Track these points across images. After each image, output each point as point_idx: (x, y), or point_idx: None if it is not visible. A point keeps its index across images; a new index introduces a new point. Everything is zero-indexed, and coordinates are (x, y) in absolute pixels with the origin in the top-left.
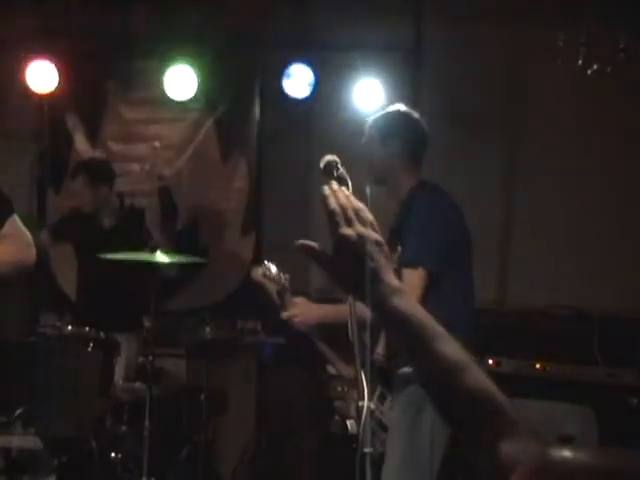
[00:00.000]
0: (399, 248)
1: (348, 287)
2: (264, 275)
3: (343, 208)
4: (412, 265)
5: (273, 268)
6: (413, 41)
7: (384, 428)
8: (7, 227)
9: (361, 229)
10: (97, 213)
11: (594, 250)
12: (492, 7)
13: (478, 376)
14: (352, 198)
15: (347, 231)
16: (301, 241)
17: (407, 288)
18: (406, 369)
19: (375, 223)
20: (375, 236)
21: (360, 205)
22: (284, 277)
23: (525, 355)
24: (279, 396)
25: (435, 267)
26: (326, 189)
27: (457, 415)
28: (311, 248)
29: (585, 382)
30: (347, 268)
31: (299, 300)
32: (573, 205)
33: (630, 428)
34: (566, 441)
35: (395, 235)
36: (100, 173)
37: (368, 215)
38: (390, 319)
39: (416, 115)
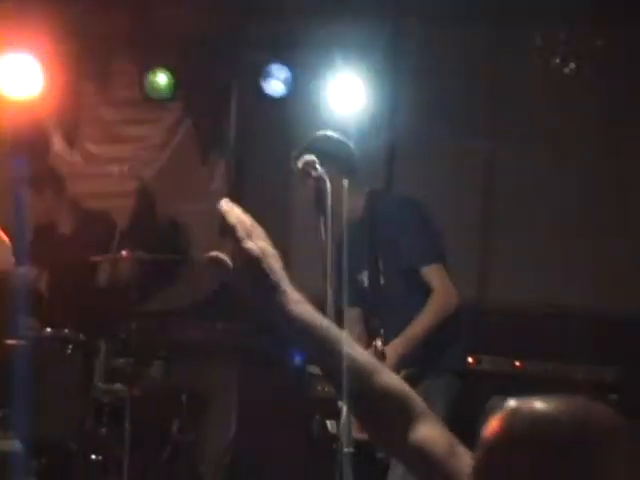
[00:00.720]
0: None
1: (246, 299)
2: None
3: (241, 223)
4: (433, 262)
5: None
6: (392, 40)
7: None
8: None
9: (261, 243)
10: (52, 221)
11: (574, 248)
12: (472, 6)
13: (388, 375)
14: (244, 216)
15: (250, 245)
16: (210, 254)
17: (439, 281)
18: (414, 368)
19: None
20: (273, 250)
21: (253, 221)
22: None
23: (505, 352)
24: (260, 396)
25: (439, 258)
26: (224, 204)
27: (371, 413)
28: (218, 261)
29: (565, 379)
30: (248, 280)
31: None
32: (554, 203)
33: None
34: None
35: (368, 254)
36: (42, 180)
37: (261, 230)
38: (295, 327)
39: (337, 135)
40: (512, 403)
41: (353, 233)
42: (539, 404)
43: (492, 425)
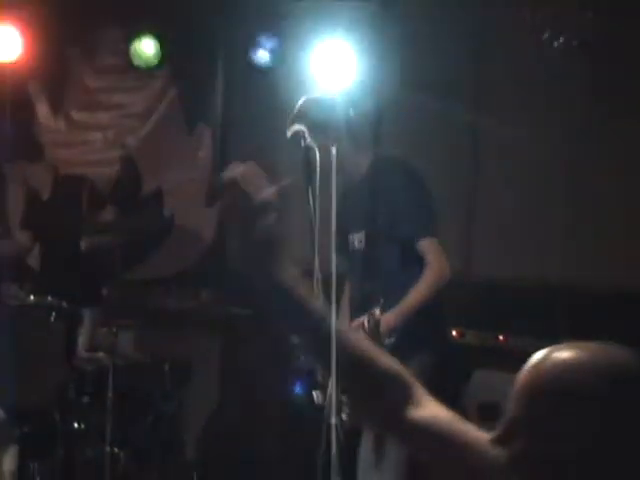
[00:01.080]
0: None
1: (241, 254)
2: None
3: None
4: (429, 236)
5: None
6: (379, 10)
7: None
8: None
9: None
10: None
11: (561, 222)
12: None
13: (387, 359)
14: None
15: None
16: (226, 175)
17: (434, 255)
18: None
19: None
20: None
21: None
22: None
23: (489, 327)
24: (244, 366)
25: (434, 232)
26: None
27: (369, 397)
28: (235, 184)
29: None
30: (251, 229)
31: None
32: (540, 176)
33: None
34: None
35: (368, 215)
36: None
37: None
38: (281, 293)
39: (332, 96)
40: (539, 354)
41: (353, 194)
42: (563, 353)
43: (519, 377)
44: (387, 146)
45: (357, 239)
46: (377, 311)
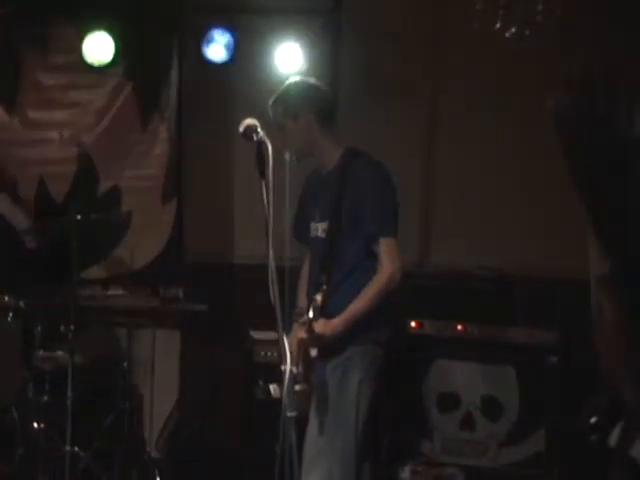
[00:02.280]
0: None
1: None
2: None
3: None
4: (387, 237)
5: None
6: (333, 4)
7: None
8: None
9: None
10: None
11: (515, 211)
12: None
13: None
14: None
15: None
16: None
17: (389, 258)
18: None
19: None
20: None
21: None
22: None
23: (447, 317)
24: (203, 362)
25: (395, 232)
26: None
27: None
28: None
29: (506, 343)
30: None
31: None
32: (494, 166)
33: (549, 386)
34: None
35: (334, 206)
36: None
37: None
38: None
39: (313, 80)
40: None
41: (321, 183)
42: None
43: None
44: (344, 136)
45: (321, 228)
46: (318, 298)
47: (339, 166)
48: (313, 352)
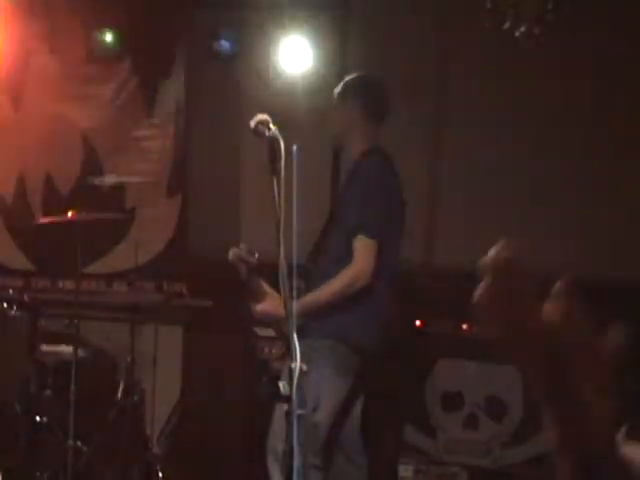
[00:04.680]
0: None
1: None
2: (237, 256)
3: None
4: (364, 236)
5: (244, 248)
6: (341, 0)
7: None
8: None
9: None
10: None
11: (520, 212)
12: None
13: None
14: None
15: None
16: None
17: (360, 257)
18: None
19: None
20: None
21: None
22: (254, 257)
23: (452, 316)
24: (206, 358)
25: (376, 234)
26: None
27: None
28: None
29: None
30: None
31: (269, 292)
32: (498, 166)
33: None
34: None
35: (335, 199)
36: None
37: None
38: None
39: (378, 78)
40: None
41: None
42: None
43: None
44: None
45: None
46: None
47: (357, 162)
48: (294, 363)
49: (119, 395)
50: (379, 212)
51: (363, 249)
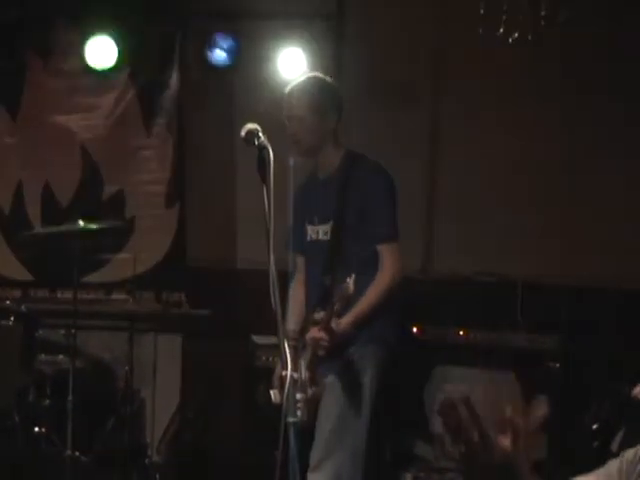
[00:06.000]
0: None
1: None
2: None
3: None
4: (392, 240)
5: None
6: (335, 9)
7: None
8: None
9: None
10: None
11: (517, 217)
12: None
13: None
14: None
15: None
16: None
17: (393, 259)
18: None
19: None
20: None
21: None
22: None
23: (449, 322)
24: (204, 367)
25: (397, 234)
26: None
27: None
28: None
29: (508, 348)
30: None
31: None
32: (497, 172)
33: (552, 393)
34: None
35: (337, 208)
36: None
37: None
38: None
39: (335, 82)
40: None
41: (321, 186)
42: None
43: None
44: (346, 142)
45: (322, 230)
46: (350, 284)
47: (342, 168)
48: (320, 352)
49: (118, 404)
50: (395, 214)
51: (393, 252)
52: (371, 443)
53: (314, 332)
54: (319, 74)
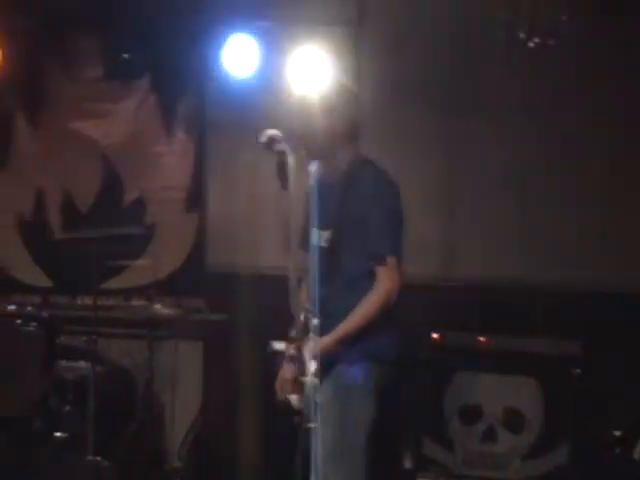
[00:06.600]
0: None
1: None
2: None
3: None
4: (388, 257)
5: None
6: (355, 14)
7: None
8: None
9: None
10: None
11: (539, 222)
12: None
13: None
14: None
15: None
16: None
17: (388, 276)
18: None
19: None
20: None
21: None
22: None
23: (470, 328)
24: (224, 372)
25: (399, 250)
26: None
27: None
28: None
29: (528, 354)
30: None
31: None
32: (518, 176)
33: (575, 398)
34: (512, 414)
35: (337, 214)
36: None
37: None
38: None
39: (355, 89)
40: None
41: (328, 190)
42: None
43: None
44: (367, 146)
45: (324, 237)
46: (315, 321)
47: (346, 173)
48: (311, 367)
49: (138, 410)
50: (400, 229)
51: (390, 268)
52: (374, 461)
53: (288, 350)
54: (335, 77)
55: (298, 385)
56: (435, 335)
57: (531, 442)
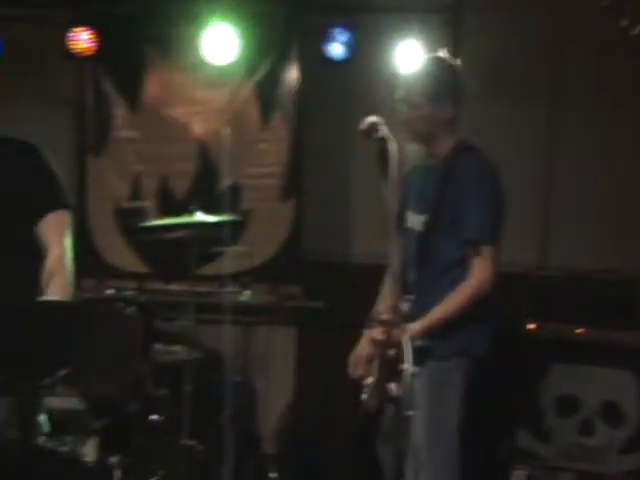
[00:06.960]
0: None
1: None
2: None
3: None
4: (485, 244)
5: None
6: (453, 2)
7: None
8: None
9: None
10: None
11: (638, 212)
12: None
13: None
14: None
15: None
16: None
17: (483, 265)
18: (425, 342)
19: None
20: None
21: None
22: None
23: (567, 319)
24: (318, 360)
25: (498, 239)
26: None
27: None
28: None
29: (627, 347)
30: None
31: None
32: (614, 167)
33: None
34: (610, 407)
35: (435, 199)
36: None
37: None
38: None
39: (458, 64)
40: None
41: (427, 174)
42: None
43: None
44: (466, 133)
45: (419, 220)
46: (405, 306)
47: (448, 159)
48: (406, 365)
49: (232, 395)
50: (497, 213)
51: (485, 257)
52: (469, 454)
53: (375, 333)
54: (443, 57)
55: (396, 373)
56: (531, 326)
57: (629, 436)
